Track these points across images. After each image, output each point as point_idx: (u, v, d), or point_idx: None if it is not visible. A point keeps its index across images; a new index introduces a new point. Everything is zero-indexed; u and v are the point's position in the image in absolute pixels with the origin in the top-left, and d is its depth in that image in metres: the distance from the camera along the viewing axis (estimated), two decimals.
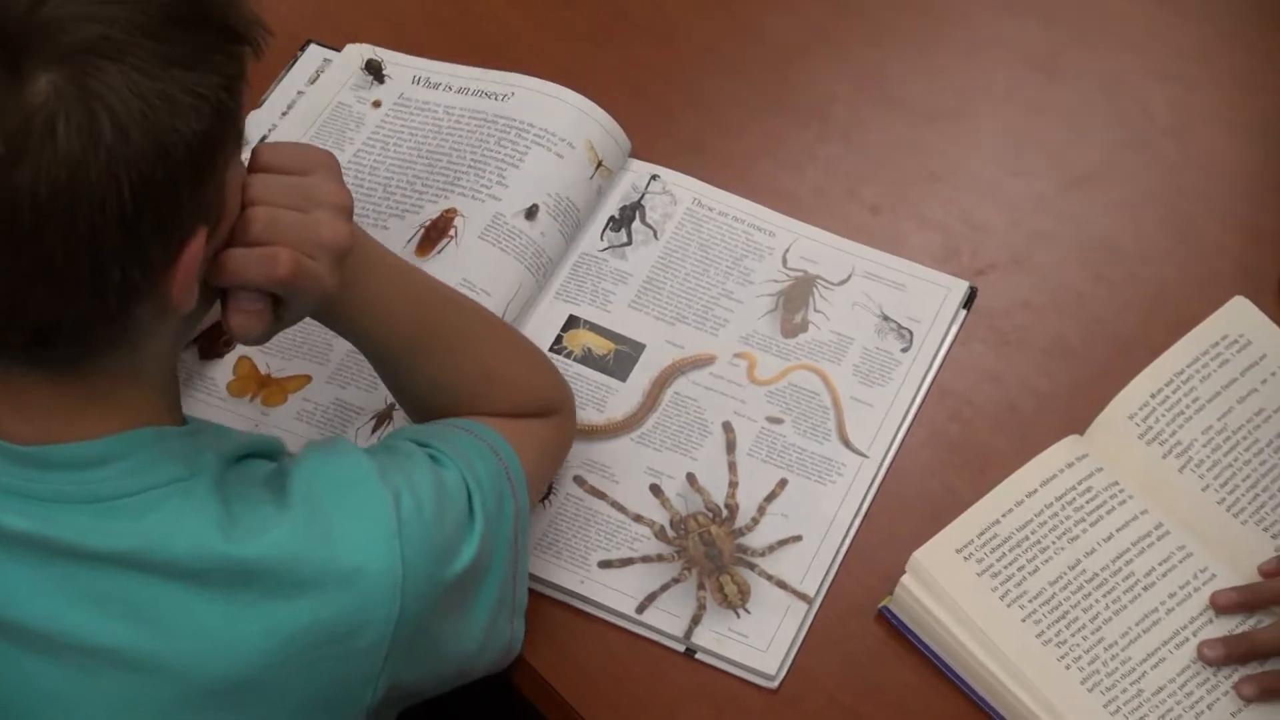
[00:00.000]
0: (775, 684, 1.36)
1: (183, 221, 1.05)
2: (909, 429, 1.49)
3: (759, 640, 1.37)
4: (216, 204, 1.09)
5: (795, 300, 1.55)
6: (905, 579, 1.37)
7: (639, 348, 1.52)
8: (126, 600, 1.07)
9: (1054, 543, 1.39)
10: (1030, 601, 1.36)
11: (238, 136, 1.09)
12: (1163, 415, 1.45)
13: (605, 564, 1.41)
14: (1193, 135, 1.67)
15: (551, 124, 1.60)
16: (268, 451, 1.19)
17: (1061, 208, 1.62)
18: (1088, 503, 1.40)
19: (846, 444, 1.47)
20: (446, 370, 1.31)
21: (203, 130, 1.02)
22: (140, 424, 1.10)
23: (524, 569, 1.28)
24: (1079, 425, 1.46)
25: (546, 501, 1.43)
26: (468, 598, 1.21)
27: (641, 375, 1.51)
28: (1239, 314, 1.51)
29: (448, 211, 1.55)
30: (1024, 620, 1.35)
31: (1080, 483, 1.41)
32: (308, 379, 1.49)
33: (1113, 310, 1.56)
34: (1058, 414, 1.48)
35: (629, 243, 1.58)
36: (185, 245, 1.05)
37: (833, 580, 1.41)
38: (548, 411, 1.36)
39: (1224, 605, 1.36)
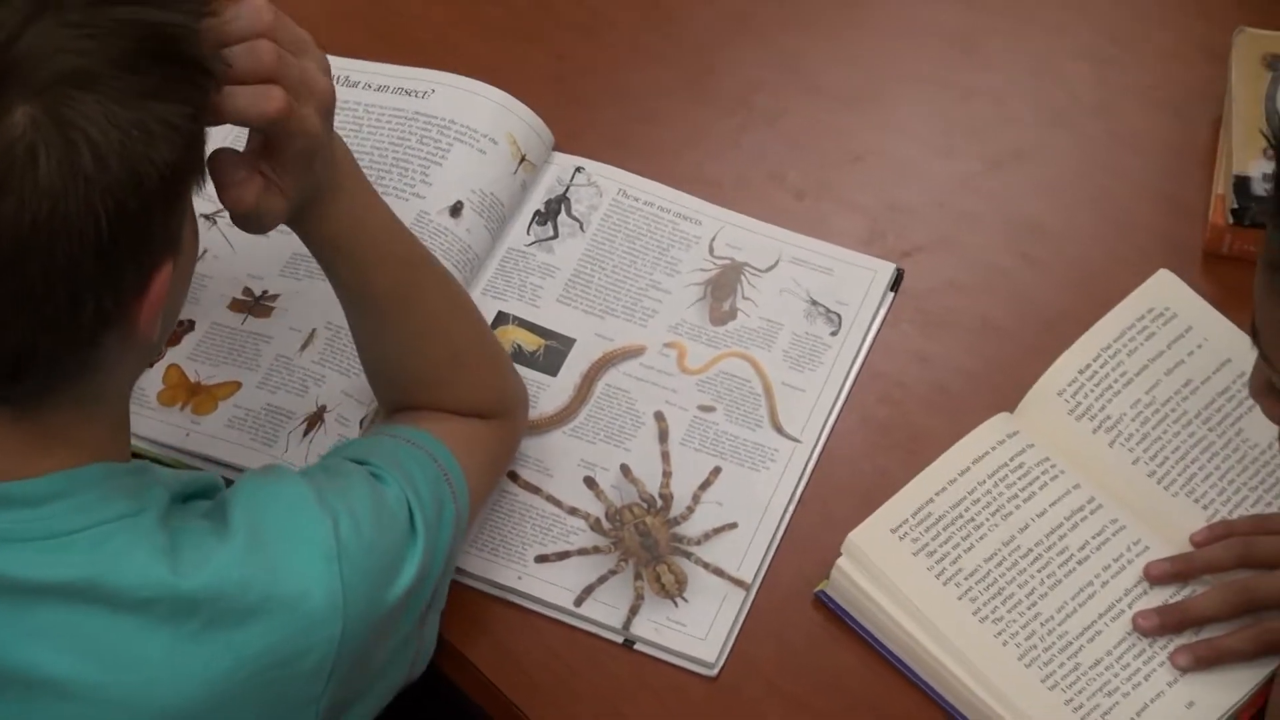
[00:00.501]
0: (715, 672, 1.36)
1: (154, 250, 1.07)
2: (840, 413, 1.49)
3: (697, 629, 1.37)
4: (182, 235, 1.11)
5: (723, 288, 1.55)
6: (841, 561, 1.37)
7: (569, 342, 1.52)
8: (73, 633, 1.07)
9: (988, 520, 1.39)
10: (966, 579, 1.36)
11: (202, 167, 1.11)
12: (1091, 390, 1.46)
13: (542, 558, 1.41)
14: (1116, 113, 1.68)
15: (473, 120, 1.59)
16: (209, 489, 1.19)
17: (986, 188, 1.63)
18: (1020, 479, 1.41)
19: (779, 430, 1.47)
20: (421, 343, 1.32)
21: (175, 160, 1.04)
22: (91, 460, 1.11)
23: (450, 574, 1.28)
24: (1009, 403, 1.46)
25: None
26: (407, 613, 1.21)
27: (572, 369, 1.51)
28: (1164, 287, 1.52)
29: None
30: (960, 598, 1.35)
31: (1012, 459, 1.42)
32: (237, 385, 1.48)
33: (1039, 288, 1.56)
34: (988, 393, 1.49)
35: (555, 236, 1.58)
36: (155, 275, 1.07)
37: (769, 566, 1.41)
38: (500, 413, 1.37)
39: (1157, 576, 1.37)
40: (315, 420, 1.45)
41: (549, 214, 1.59)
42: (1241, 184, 1.53)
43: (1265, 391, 1.10)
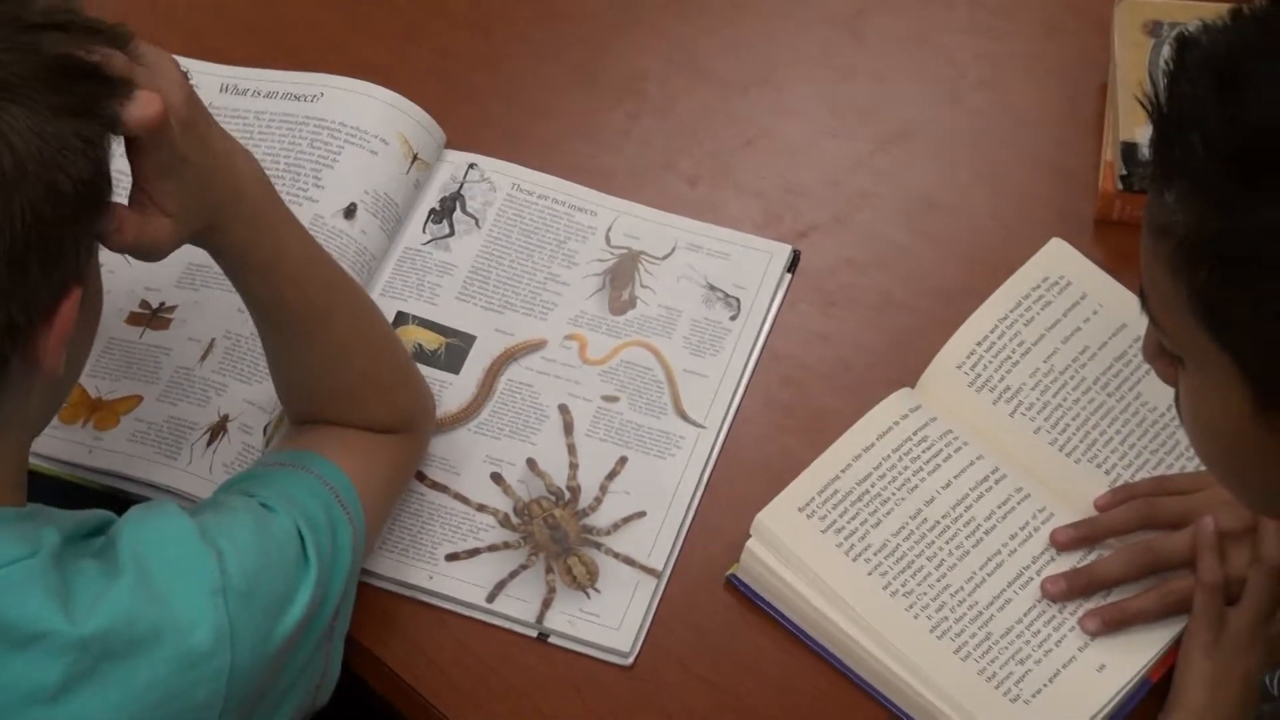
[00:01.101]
0: (630, 661, 1.37)
1: (64, 269, 1.08)
2: (743, 396, 1.50)
3: (610, 619, 1.38)
4: (90, 266, 1.13)
5: (621, 278, 1.55)
6: (750, 543, 1.38)
7: (469, 339, 1.52)
8: None
9: (894, 494, 1.40)
10: (875, 554, 1.37)
11: (110, 189, 1.13)
12: (990, 362, 1.47)
13: (452, 556, 1.41)
14: (1002, 86, 1.69)
15: (363, 122, 1.59)
16: (102, 526, 1.18)
17: (878, 166, 1.64)
18: (924, 452, 1.42)
19: (683, 416, 1.48)
20: (334, 362, 1.33)
21: (87, 178, 1.07)
22: None
23: (351, 597, 1.28)
24: (910, 379, 1.47)
25: None
26: (304, 641, 1.21)
27: (474, 366, 1.51)
28: (1057, 256, 1.53)
29: None
30: (870, 573, 1.36)
31: (915, 433, 1.43)
32: (138, 399, 1.47)
33: (935, 263, 1.58)
34: (888, 369, 1.50)
35: (451, 234, 1.58)
36: (63, 300, 1.08)
37: (680, 553, 1.42)
38: (406, 426, 1.37)
39: (1063, 542, 1.38)
40: (218, 430, 1.45)
41: (444, 212, 1.59)
42: (1129, 150, 1.55)
43: (1157, 354, 1.11)
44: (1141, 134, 1.54)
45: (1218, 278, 1.00)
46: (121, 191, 1.17)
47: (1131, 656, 1.34)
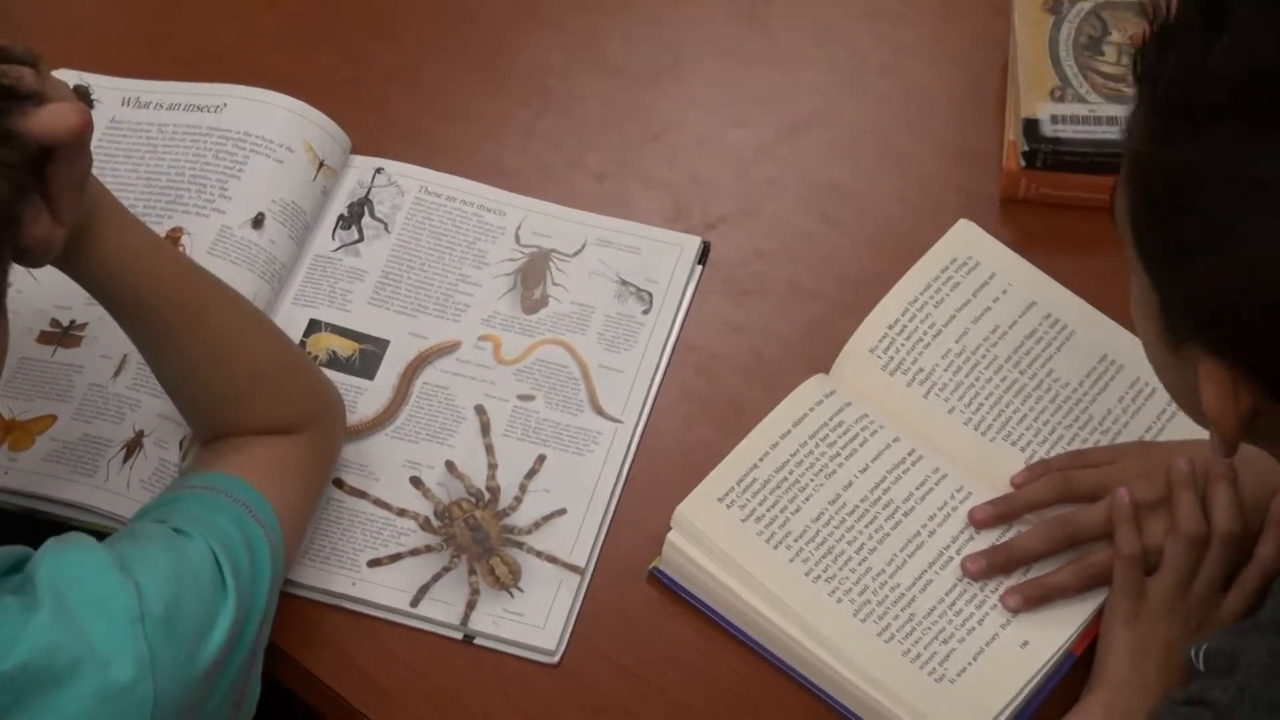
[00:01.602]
0: (556, 659, 1.37)
1: None
2: (659, 389, 1.50)
3: (535, 617, 1.38)
4: (4, 295, 1.13)
5: (533, 276, 1.55)
6: (671, 535, 1.38)
7: (383, 344, 1.52)
8: None
9: (812, 480, 1.41)
10: (795, 541, 1.38)
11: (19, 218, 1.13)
12: (902, 345, 1.48)
13: (374, 562, 1.41)
14: (903, 71, 1.70)
15: (267, 131, 1.59)
16: (20, 562, 1.17)
17: (784, 154, 1.64)
18: (840, 438, 1.43)
19: (599, 412, 1.48)
20: (215, 363, 1.31)
21: (6, 197, 1.08)
22: None
23: (272, 613, 1.27)
24: (824, 364, 1.48)
25: None
26: (228, 664, 1.21)
27: (389, 371, 1.50)
28: (965, 237, 1.54)
29: (174, 231, 1.53)
30: (791, 560, 1.37)
31: (831, 419, 1.43)
32: (53, 419, 1.47)
33: (844, 249, 1.58)
34: (801, 356, 1.50)
35: (361, 239, 1.58)
36: None
37: (601, 549, 1.42)
38: (311, 423, 1.36)
39: (981, 520, 1.39)
40: (134, 446, 1.44)
41: (352, 217, 1.59)
42: (1031, 127, 1.56)
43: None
44: (1042, 110, 1.56)
45: (1146, 200, 1.02)
46: None
47: (1054, 631, 1.35)
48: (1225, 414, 1.02)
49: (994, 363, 1.48)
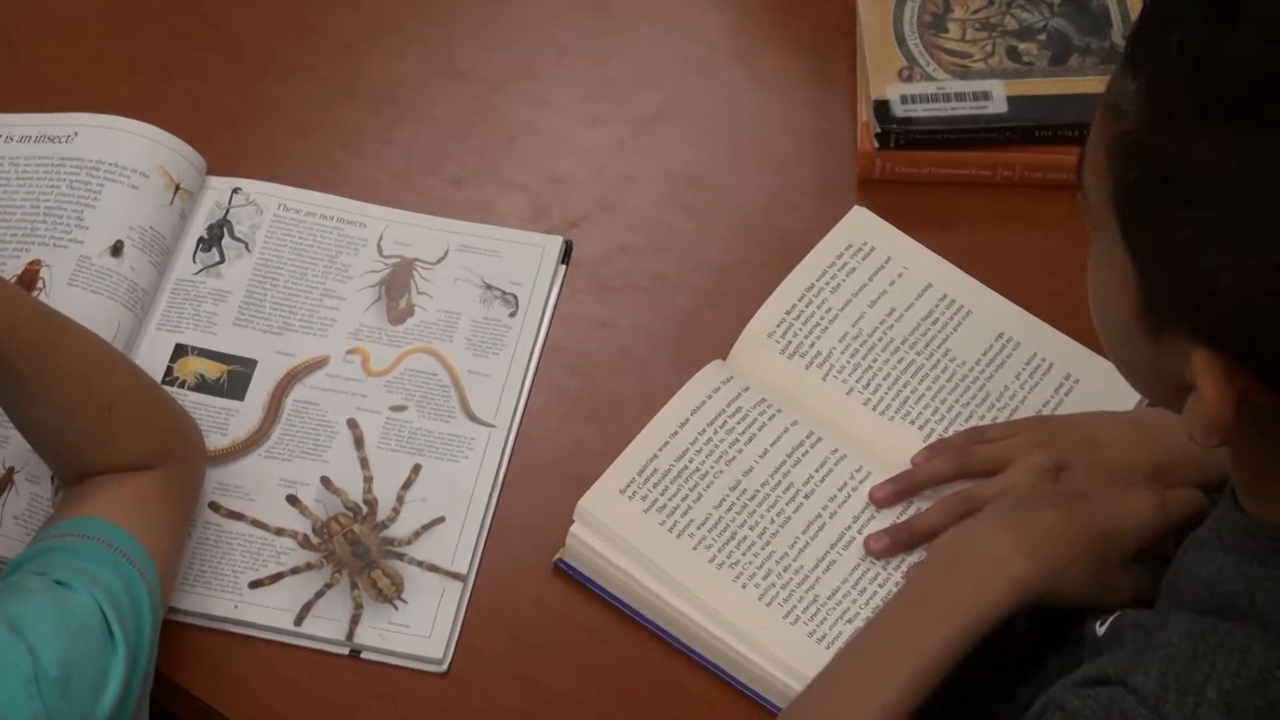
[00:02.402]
0: (444, 667, 1.37)
1: None
2: (530, 391, 1.50)
3: (420, 628, 1.38)
4: None
5: (397, 286, 1.55)
6: (574, 528, 1.39)
7: (251, 364, 1.51)
8: None
9: (712, 467, 1.41)
10: (698, 529, 1.38)
11: None
12: (800, 329, 1.49)
13: (256, 583, 1.40)
14: (754, 58, 1.71)
15: (121, 157, 1.57)
16: None
17: (640, 148, 1.65)
18: (739, 423, 1.43)
19: (472, 418, 1.48)
20: (69, 404, 1.30)
21: None
22: None
23: (155, 652, 1.26)
24: (694, 356, 1.48)
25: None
26: (122, 712, 1.20)
27: (258, 390, 1.50)
28: (860, 223, 1.55)
29: (32, 264, 1.52)
30: (695, 548, 1.37)
31: (729, 405, 1.44)
32: None
33: (707, 239, 1.59)
34: (671, 349, 1.51)
35: (222, 260, 1.57)
36: None
37: (483, 554, 1.42)
38: (170, 455, 1.35)
39: (881, 499, 1.40)
40: (5, 482, 1.43)
41: (212, 239, 1.58)
42: (881, 107, 1.57)
43: (1085, 206, 1.11)
44: (891, 90, 1.57)
45: (1142, 185, 0.98)
46: None
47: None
48: (1224, 403, 0.99)
49: (891, 344, 1.49)
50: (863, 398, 1.47)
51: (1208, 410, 0.99)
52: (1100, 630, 1.16)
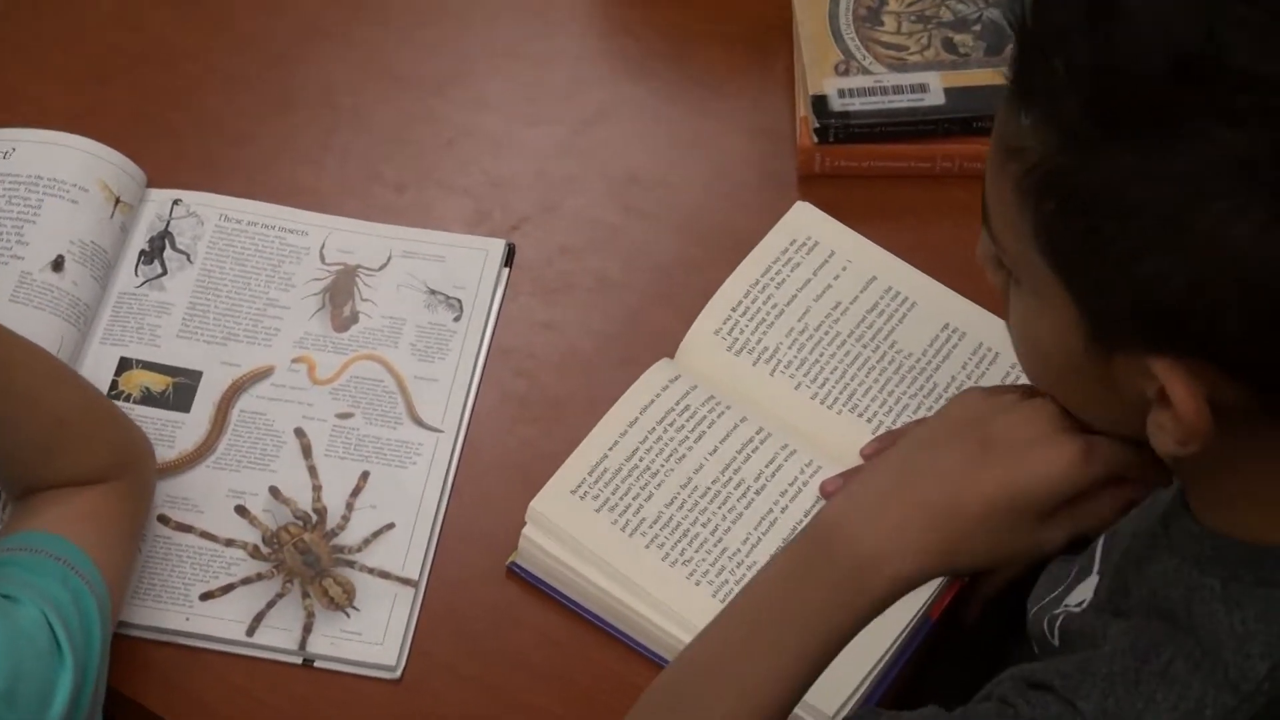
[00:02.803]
0: (397, 674, 1.37)
1: None
2: (477, 395, 1.50)
3: (373, 635, 1.38)
4: None
5: (340, 294, 1.55)
6: (527, 530, 1.39)
7: (196, 375, 1.51)
8: None
9: (663, 465, 1.42)
10: (650, 527, 1.39)
11: None
12: (746, 326, 1.49)
13: (207, 595, 1.40)
14: (693, 57, 1.71)
15: (60, 172, 1.57)
16: None
17: (580, 149, 1.65)
18: (688, 421, 1.44)
19: (419, 423, 1.48)
20: (20, 421, 1.29)
21: None
22: None
23: (106, 664, 1.25)
24: (641, 355, 1.49)
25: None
26: None
27: (204, 402, 1.49)
28: (804, 218, 1.55)
29: None
30: (648, 546, 1.38)
31: (678, 403, 1.44)
32: None
33: (649, 238, 1.59)
34: (616, 349, 1.52)
35: (164, 273, 1.56)
36: None
37: (435, 559, 1.42)
38: (120, 469, 1.34)
39: (832, 491, 1.40)
40: None
41: (154, 252, 1.57)
42: (819, 103, 1.57)
43: (992, 264, 1.09)
44: (829, 85, 1.58)
45: (1064, 213, 0.97)
46: None
47: (911, 597, 1.35)
48: (1199, 407, 0.97)
49: (837, 338, 1.49)
50: (810, 392, 1.47)
51: (1184, 414, 0.97)
52: (1049, 630, 1.17)
